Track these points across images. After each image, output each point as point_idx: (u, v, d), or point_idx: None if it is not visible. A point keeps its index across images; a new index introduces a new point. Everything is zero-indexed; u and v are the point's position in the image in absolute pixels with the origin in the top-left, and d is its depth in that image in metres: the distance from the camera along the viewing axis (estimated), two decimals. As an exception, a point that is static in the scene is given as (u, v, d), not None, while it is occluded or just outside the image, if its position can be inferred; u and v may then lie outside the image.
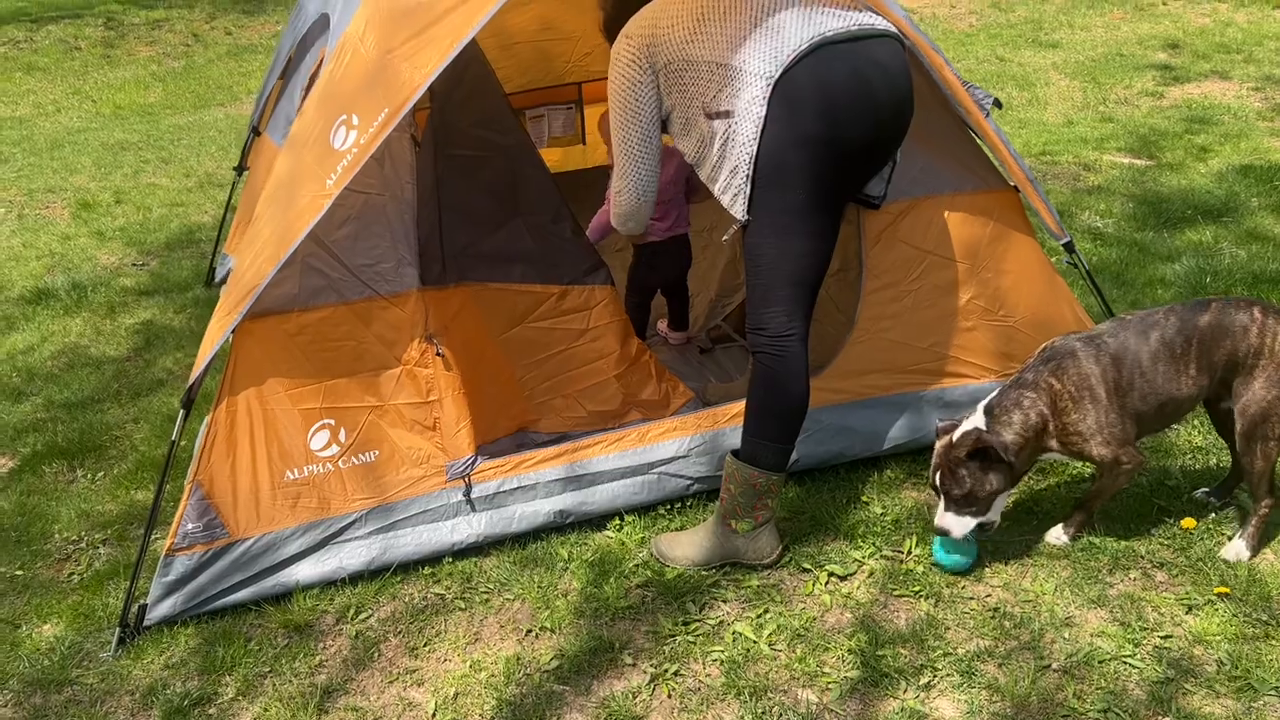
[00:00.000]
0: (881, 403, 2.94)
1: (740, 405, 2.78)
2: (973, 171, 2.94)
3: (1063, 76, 7.08)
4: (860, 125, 2.48)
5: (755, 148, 2.47)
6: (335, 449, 2.62)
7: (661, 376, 3.06)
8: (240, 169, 4.50)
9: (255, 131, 4.15)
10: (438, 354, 2.65)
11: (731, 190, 2.52)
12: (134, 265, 4.90)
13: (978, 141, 2.92)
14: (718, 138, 2.53)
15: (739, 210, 2.52)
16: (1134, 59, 7.36)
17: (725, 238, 2.67)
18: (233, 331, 2.49)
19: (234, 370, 2.53)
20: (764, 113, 2.45)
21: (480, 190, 2.81)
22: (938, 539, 2.62)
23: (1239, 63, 7.12)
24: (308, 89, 3.30)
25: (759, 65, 2.46)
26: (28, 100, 8.54)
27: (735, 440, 2.73)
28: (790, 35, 2.47)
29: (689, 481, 2.86)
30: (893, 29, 2.59)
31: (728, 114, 2.51)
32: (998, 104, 2.93)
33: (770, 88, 2.44)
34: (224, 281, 4.24)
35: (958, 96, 2.80)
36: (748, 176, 2.49)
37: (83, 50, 10.21)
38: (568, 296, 2.93)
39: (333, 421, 2.61)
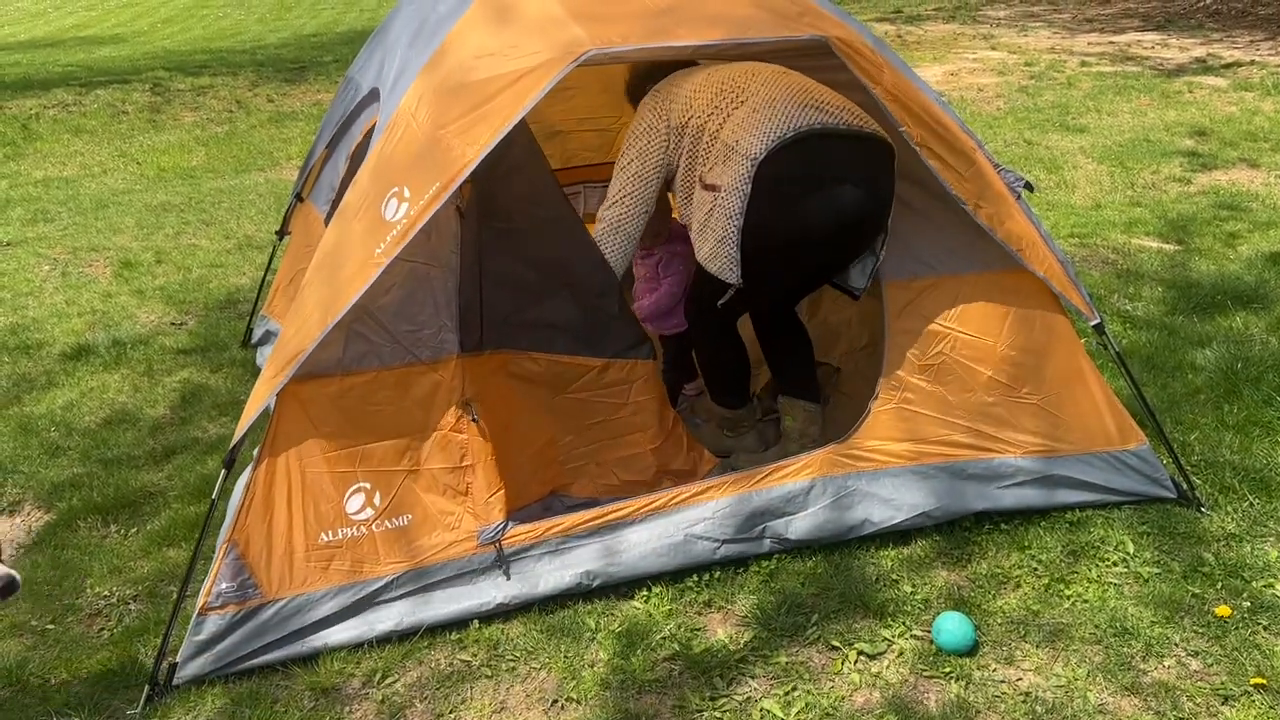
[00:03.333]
0: (905, 471, 2.95)
1: (771, 468, 2.91)
2: (1000, 251, 2.97)
3: (1090, 161, 7.15)
4: (832, 212, 2.81)
5: (742, 221, 2.77)
6: (370, 512, 2.64)
7: (691, 446, 3.08)
8: (281, 233, 4.60)
9: (298, 198, 4.25)
10: (472, 420, 2.69)
11: (721, 258, 2.84)
12: (173, 324, 4.99)
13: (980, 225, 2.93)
14: (705, 208, 2.85)
15: (733, 277, 2.84)
16: (1161, 145, 7.42)
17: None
18: (277, 395, 2.54)
19: (275, 431, 2.58)
20: (749, 190, 2.75)
21: (526, 261, 2.87)
22: (936, 622, 2.63)
23: (1266, 151, 7.17)
24: (352, 158, 3.40)
25: (748, 146, 2.75)
26: (75, 161, 8.76)
27: (763, 501, 2.88)
28: (781, 120, 2.76)
29: (716, 543, 2.85)
30: (880, 132, 2.84)
31: (716, 188, 2.81)
32: (1029, 187, 2.98)
33: (754, 167, 2.74)
34: (261, 342, 4.31)
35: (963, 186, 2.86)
36: (737, 244, 2.79)
37: (129, 114, 10.50)
38: (609, 370, 2.97)
39: (368, 485, 2.64)
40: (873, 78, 2.74)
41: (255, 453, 2.64)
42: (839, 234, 2.86)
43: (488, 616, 2.76)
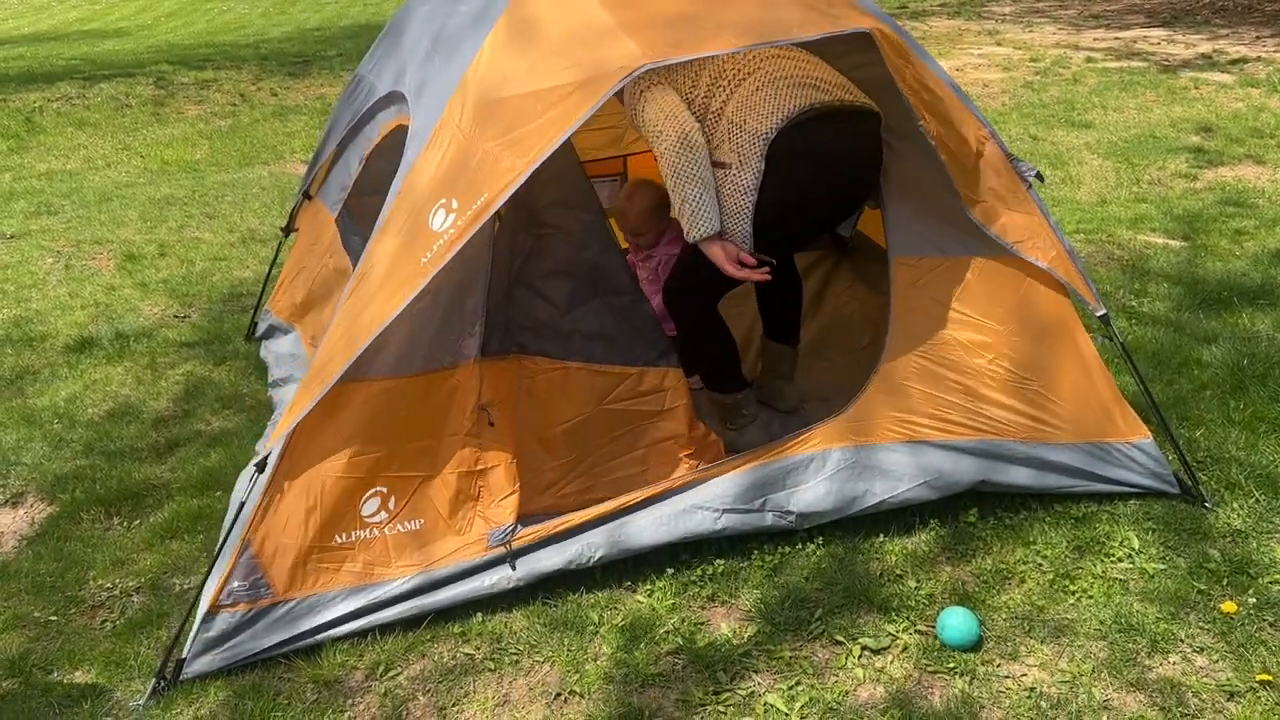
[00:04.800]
0: (905, 446, 2.95)
1: (770, 444, 2.93)
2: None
3: (1096, 156, 7.13)
4: (835, 183, 3.00)
5: (756, 196, 2.88)
6: (384, 515, 2.65)
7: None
8: (287, 230, 4.58)
9: (306, 195, 4.24)
10: (490, 424, 2.69)
11: (733, 233, 2.93)
12: (176, 317, 4.98)
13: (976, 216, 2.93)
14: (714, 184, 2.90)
15: (744, 251, 2.92)
16: (1167, 141, 7.40)
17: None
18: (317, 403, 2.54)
19: (299, 435, 2.57)
20: (762, 167, 2.87)
21: (562, 268, 2.86)
22: (941, 617, 2.62)
23: (1273, 147, 7.14)
24: (368, 160, 3.39)
25: (757, 125, 2.87)
26: (79, 154, 8.76)
27: (764, 475, 2.89)
28: (786, 100, 2.89)
29: (717, 513, 2.84)
30: (871, 105, 2.96)
31: (725, 165, 2.90)
32: (1040, 177, 2.98)
33: (767, 145, 2.86)
34: (265, 336, 4.31)
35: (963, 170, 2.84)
36: (750, 219, 2.91)
37: (133, 107, 10.50)
38: (645, 378, 2.94)
39: (385, 489, 2.64)
40: (899, 71, 2.73)
41: (258, 447, 2.63)
42: (840, 201, 3.13)
43: (491, 609, 2.76)
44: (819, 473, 2.90)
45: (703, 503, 2.84)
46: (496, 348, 2.79)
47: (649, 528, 2.81)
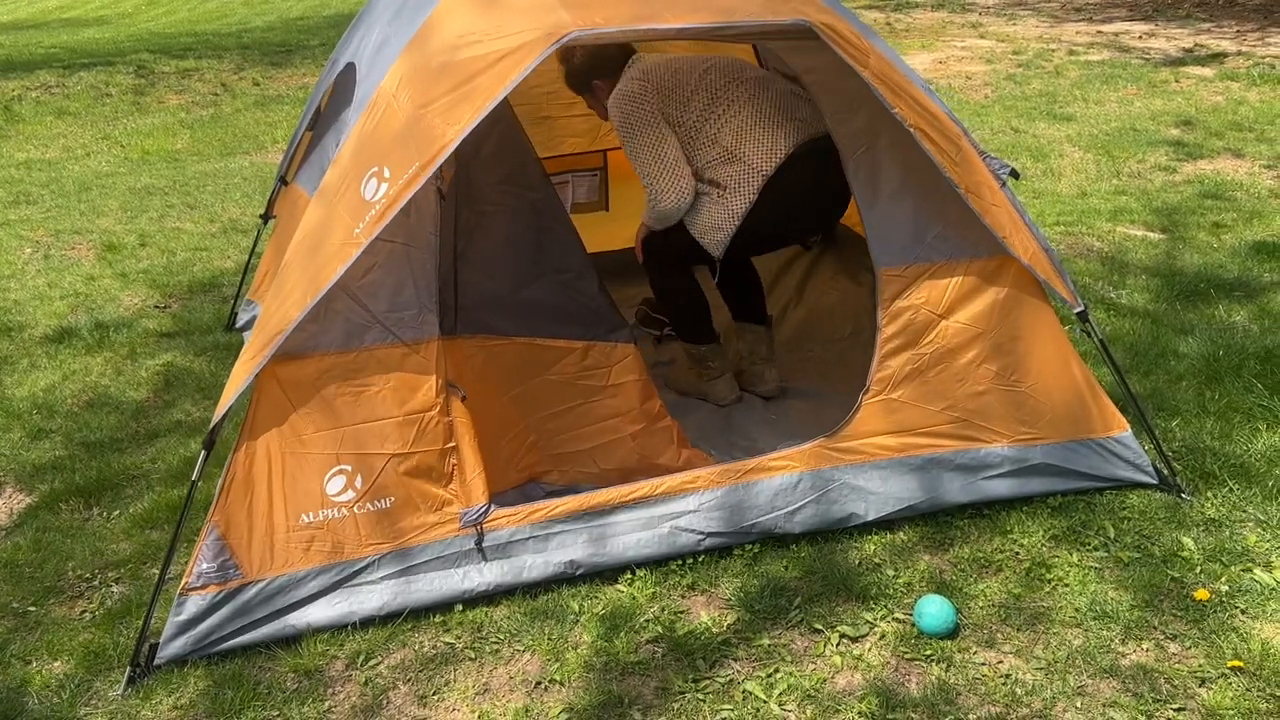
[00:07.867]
0: (894, 464, 2.96)
1: (758, 461, 2.91)
2: (988, 238, 2.98)
3: (1076, 149, 7.16)
4: (809, 212, 3.42)
5: (740, 221, 3.21)
6: (351, 494, 2.64)
7: (683, 444, 3.06)
8: (266, 217, 4.57)
9: (283, 181, 4.22)
10: (461, 398, 2.69)
11: (713, 241, 3.26)
12: (156, 307, 4.96)
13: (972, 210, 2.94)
14: (705, 195, 3.26)
15: (718, 253, 3.30)
16: (1147, 134, 7.45)
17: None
18: (256, 375, 2.53)
19: (255, 412, 2.57)
20: (755, 198, 3.19)
21: (506, 244, 2.87)
22: (918, 605, 2.64)
23: (1251, 141, 7.19)
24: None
25: (759, 161, 3.19)
26: (58, 143, 8.70)
27: (749, 496, 2.88)
28: (782, 137, 3.21)
29: (701, 536, 2.86)
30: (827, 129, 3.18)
31: (720, 185, 3.21)
32: (1014, 174, 2.98)
33: (764, 181, 3.18)
34: (245, 327, 4.29)
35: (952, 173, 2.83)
36: (730, 235, 3.23)
37: (113, 97, 10.42)
38: (590, 353, 2.96)
39: (349, 467, 2.63)
40: (859, 62, 2.73)
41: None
42: (813, 222, 3.59)
43: (471, 598, 2.76)
44: (806, 495, 2.91)
45: (688, 526, 2.85)
46: (449, 327, 2.79)
47: (633, 548, 2.83)
